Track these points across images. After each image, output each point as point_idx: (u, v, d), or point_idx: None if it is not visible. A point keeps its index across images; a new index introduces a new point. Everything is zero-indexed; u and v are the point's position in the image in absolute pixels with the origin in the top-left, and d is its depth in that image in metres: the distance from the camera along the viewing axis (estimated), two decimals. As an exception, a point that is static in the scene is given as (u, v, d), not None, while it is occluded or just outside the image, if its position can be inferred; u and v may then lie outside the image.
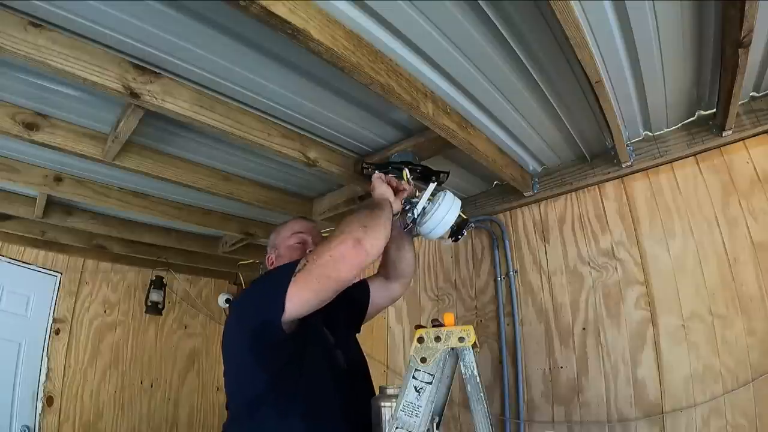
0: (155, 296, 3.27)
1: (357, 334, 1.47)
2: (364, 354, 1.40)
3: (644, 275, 1.75)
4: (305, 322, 1.05)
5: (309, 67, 1.34)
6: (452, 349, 1.06)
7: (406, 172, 1.49)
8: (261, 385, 1.06)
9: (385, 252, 1.48)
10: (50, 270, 2.85)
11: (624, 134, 1.76)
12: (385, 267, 1.51)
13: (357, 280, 1.50)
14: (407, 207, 1.34)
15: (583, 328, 1.86)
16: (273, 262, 1.38)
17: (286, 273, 1.00)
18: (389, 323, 2.59)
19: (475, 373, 1.02)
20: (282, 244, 1.38)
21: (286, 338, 1.01)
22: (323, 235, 1.38)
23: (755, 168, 1.59)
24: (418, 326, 1.12)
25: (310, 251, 1.06)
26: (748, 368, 1.46)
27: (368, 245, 0.99)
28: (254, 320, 1.04)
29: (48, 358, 2.70)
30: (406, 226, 1.35)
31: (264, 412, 1.05)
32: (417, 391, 1.03)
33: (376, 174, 1.34)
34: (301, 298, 0.97)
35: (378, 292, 1.49)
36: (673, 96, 1.59)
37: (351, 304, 1.42)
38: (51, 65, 1.13)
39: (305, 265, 0.98)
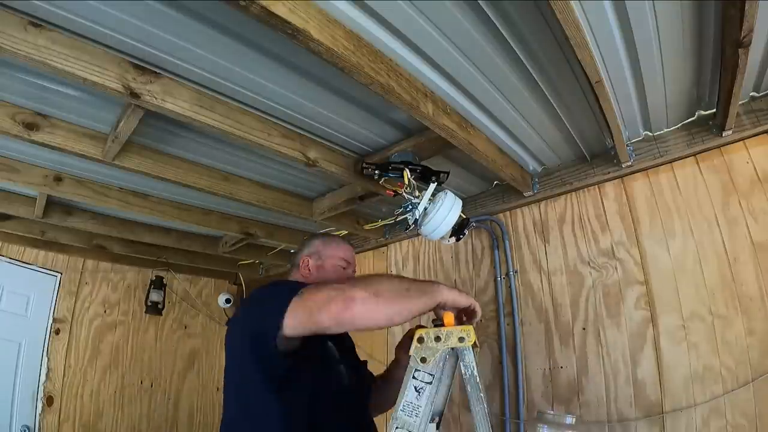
0: (155, 296, 3.27)
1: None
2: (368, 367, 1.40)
3: (644, 275, 1.75)
4: (309, 338, 1.02)
5: (309, 67, 1.33)
6: (452, 349, 1.06)
7: (406, 172, 1.49)
8: (260, 391, 1.04)
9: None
10: (50, 270, 2.85)
11: (624, 134, 1.76)
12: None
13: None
14: (409, 208, 1.34)
15: (583, 328, 1.86)
16: (310, 268, 1.35)
17: (288, 293, 0.98)
18: (389, 323, 2.59)
19: (475, 373, 1.02)
20: (329, 258, 1.36)
21: (281, 353, 0.99)
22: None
23: (755, 168, 1.59)
24: (419, 326, 1.13)
25: (313, 284, 1.00)
26: (748, 368, 1.46)
27: (359, 311, 0.91)
28: (254, 328, 1.04)
29: (48, 358, 2.70)
30: (408, 227, 1.36)
31: (261, 418, 1.03)
32: (417, 391, 1.03)
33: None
34: (292, 322, 0.95)
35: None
36: (673, 96, 1.59)
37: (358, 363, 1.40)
38: (51, 65, 1.13)
39: (302, 294, 0.96)
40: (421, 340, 1.08)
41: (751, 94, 1.59)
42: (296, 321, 0.94)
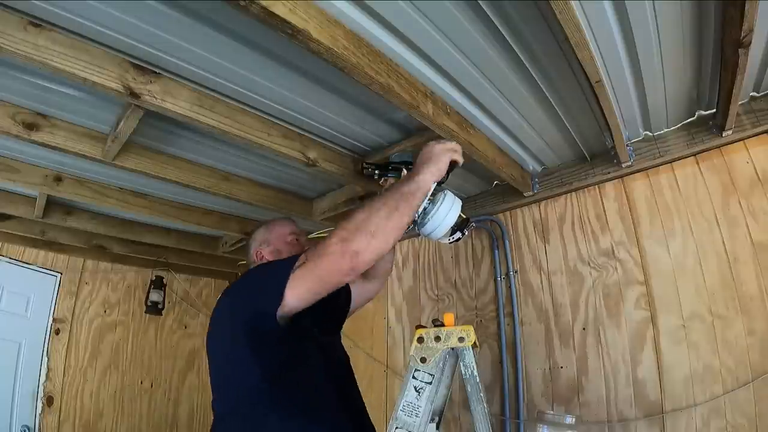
0: (155, 296, 3.27)
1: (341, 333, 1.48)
2: (349, 355, 1.40)
3: (644, 275, 1.75)
4: (298, 321, 1.04)
5: (309, 67, 1.33)
6: (452, 349, 1.06)
7: (405, 172, 1.49)
8: (256, 378, 1.04)
9: None
10: (50, 270, 2.85)
11: (624, 134, 1.76)
12: None
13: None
14: None
15: (583, 328, 1.86)
16: (264, 258, 1.38)
17: (286, 266, 1.00)
18: (389, 323, 2.59)
19: (475, 373, 1.02)
20: (279, 241, 1.41)
21: (281, 332, 1.00)
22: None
23: (755, 168, 1.59)
24: (419, 326, 1.13)
25: (308, 249, 1.03)
26: (748, 368, 1.46)
27: (368, 256, 0.96)
28: (249, 310, 1.04)
29: (48, 358, 2.70)
30: (408, 227, 1.35)
31: (261, 407, 1.03)
32: (417, 391, 1.03)
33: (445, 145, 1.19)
34: (299, 292, 0.97)
35: (356, 292, 1.50)
36: (673, 96, 1.59)
37: (335, 306, 1.42)
38: (51, 65, 1.13)
39: (304, 263, 0.99)
40: (421, 340, 1.08)
41: (751, 94, 1.59)
42: (303, 289, 0.96)
